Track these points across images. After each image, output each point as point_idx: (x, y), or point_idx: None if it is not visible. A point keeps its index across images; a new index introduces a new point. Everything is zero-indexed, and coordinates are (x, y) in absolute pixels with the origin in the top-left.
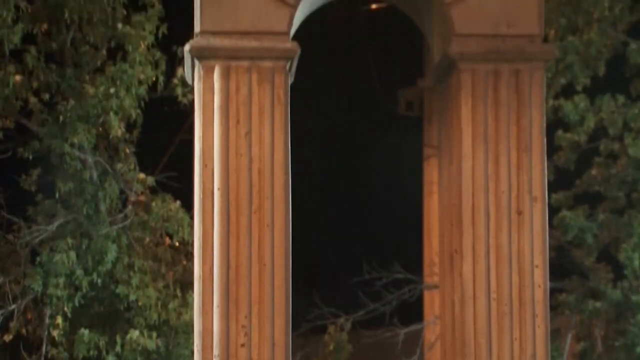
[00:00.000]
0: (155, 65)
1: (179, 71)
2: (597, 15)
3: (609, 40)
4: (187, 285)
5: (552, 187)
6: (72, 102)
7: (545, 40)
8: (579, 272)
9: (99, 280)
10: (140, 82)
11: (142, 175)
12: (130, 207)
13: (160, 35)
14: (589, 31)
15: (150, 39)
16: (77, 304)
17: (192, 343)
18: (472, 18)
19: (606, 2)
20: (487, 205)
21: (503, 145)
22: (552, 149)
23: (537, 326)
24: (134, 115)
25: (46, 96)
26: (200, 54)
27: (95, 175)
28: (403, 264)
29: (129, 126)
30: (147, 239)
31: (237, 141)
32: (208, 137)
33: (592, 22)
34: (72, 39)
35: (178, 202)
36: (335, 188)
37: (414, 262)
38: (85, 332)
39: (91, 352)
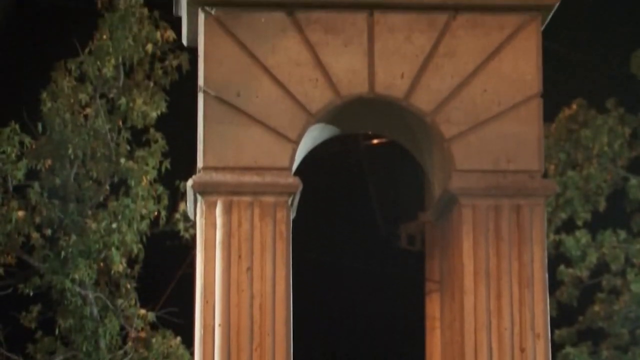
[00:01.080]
0: (158, 200)
1: (181, 206)
2: (596, 151)
3: (609, 175)
4: None
5: (555, 323)
6: (74, 237)
7: (545, 175)
8: None
9: None
10: (142, 217)
11: (142, 311)
12: (130, 343)
13: (163, 170)
14: (588, 166)
15: (153, 174)
16: None
17: None
18: (473, 154)
19: (605, 138)
20: (490, 342)
21: (505, 281)
22: (554, 284)
23: None
24: (135, 250)
25: (48, 232)
26: (203, 190)
27: (95, 311)
28: None
29: (131, 261)
30: None
31: (239, 277)
32: (209, 272)
33: (591, 157)
34: (76, 175)
35: (179, 339)
36: (336, 321)
37: None
38: None
39: None
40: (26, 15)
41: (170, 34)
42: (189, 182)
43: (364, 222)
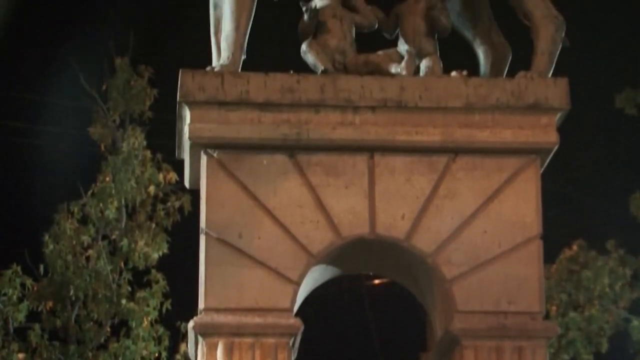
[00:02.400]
0: (159, 341)
1: (182, 347)
2: (598, 292)
3: (611, 317)
4: None
5: None
6: None
7: (547, 316)
8: None
9: None
10: (143, 359)
11: None
12: None
13: (164, 310)
14: (590, 308)
15: (154, 314)
16: None
17: None
18: (474, 295)
19: (606, 280)
20: None
21: None
22: None
23: None
24: None
25: None
26: (204, 331)
27: None
28: None
29: None
30: None
31: None
32: None
33: (593, 298)
34: (77, 316)
35: None
36: None
37: None
38: None
39: None
40: (29, 157)
41: (173, 176)
42: (190, 324)
43: None
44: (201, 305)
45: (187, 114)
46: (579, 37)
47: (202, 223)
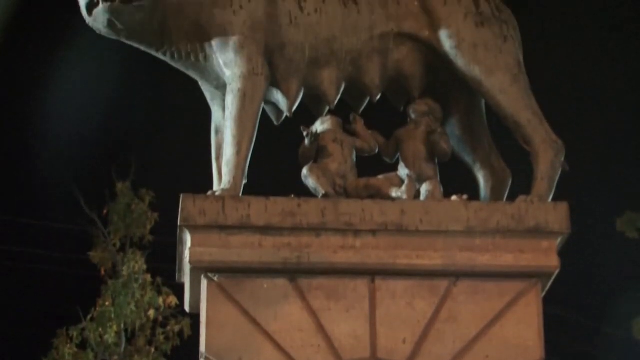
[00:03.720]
0: None
1: None
2: None
3: None
4: None
5: None
6: None
7: None
8: None
9: None
10: None
11: None
12: None
13: None
14: None
15: None
16: None
17: None
18: None
19: None
20: None
21: None
22: None
23: None
24: None
25: None
26: None
27: None
28: None
29: None
30: None
31: None
32: None
33: None
34: None
35: None
36: None
37: None
38: None
39: None
40: (28, 282)
41: (173, 300)
42: None
43: None
44: None
45: (187, 238)
46: (579, 161)
47: (202, 347)
